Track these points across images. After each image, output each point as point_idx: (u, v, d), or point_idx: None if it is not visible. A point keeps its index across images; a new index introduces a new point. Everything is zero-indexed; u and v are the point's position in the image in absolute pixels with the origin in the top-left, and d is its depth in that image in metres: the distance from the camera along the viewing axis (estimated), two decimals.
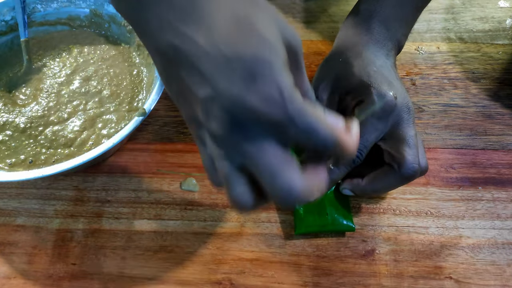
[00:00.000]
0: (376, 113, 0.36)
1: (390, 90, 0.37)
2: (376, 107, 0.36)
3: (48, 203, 0.42)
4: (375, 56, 0.40)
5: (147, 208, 0.41)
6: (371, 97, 0.37)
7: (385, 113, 0.36)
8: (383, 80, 0.37)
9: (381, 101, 0.36)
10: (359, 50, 0.40)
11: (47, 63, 0.47)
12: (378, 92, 0.37)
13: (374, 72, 0.38)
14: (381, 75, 0.38)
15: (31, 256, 0.39)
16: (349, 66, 0.39)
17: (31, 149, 0.41)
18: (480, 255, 0.39)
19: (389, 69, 0.39)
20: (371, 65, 0.39)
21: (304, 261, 0.39)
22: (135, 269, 0.38)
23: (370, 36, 0.41)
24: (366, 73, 0.38)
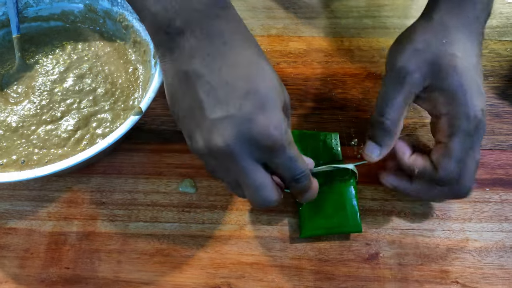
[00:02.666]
0: (469, 133, 0.35)
1: (480, 104, 0.35)
2: (470, 126, 0.34)
3: (40, 205, 0.42)
4: (472, 45, 0.36)
5: (143, 210, 0.41)
6: (467, 113, 0.34)
7: (475, 130, 0.35)
8: (477, 88, 0.35)
9: (473, 118, 0.34)
10: (461, 34, 0.36)
11: (40, 60, 0.47)
12: (473, 107, 0.34)
13: (473, 75, 0.35)
14: (476, 80, 0.35)
15: (23, 260, 0.39)
16: (454, 58, 0.35)
17: (23, 149, 0.41)
18: (487, 259, 0.39)
19: (479, 66, 0.37)
20: (471, 65, 0.35)
21: (305, 265, 0.39)
22: (131, 273, 0.38)
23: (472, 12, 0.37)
24: (467, 77, 0.35)
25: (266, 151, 0.30)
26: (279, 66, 0.50)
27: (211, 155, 0.31)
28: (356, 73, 0.50)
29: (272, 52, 0.51)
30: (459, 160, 0.35)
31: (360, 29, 0.53)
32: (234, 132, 0.29)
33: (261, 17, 0.55)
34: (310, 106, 0.47)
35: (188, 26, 0.30)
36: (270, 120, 0.30)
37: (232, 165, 0.30)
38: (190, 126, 0.31)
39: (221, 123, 0.29)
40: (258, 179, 0.31)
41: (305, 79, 0.49)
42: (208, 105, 0.30)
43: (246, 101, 0.29)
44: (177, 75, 0.31)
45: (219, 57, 0.30)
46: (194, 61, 0.30)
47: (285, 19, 0.54)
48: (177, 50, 0.31)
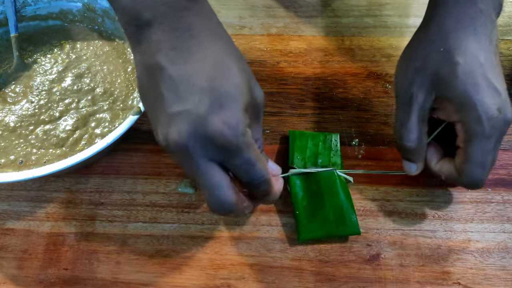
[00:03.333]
0: (486, 135, 0.34)
1: (495, 102, 0.34)
2: (485, 128, 0.34)
3: (39, 206, 0.42)
4: (480, 44, 0.35)
5: (142, 210, 0.41)
6: (478, 116, 0.34)
7: (493, 131, 0.34)
8: (489, 88, 0.34)
9: (488, 120, 0.33)
10: (464, 37, 0.35)
11: (38, 59, 0.47)
12: (484, 109, 0.33)
13: (481, 76, 0.34)
14: (487, 80, 0.34)
15: (21, 261, 0.39)
16: (454, 65, 0.34)
17: (21, 149, 0.41)
18: (489, 260, 0.39)
19: (494, 63, 0.35)
20: (476, 65, 0.34)
21: (306, 266, 0.39)
22: (129, 274, 0.38)
23: (474, 9, 0.35)
24: (472, 80, 0.34)
25: (221, 151, 0.29)
26: (279, 65, 0.50)
27: (169, 149, 0.30)
28: (357, 72, 0.50)
29: (272, 51, 0.51)
30: (480, 165, 0.35)
31: (361, 28, 0.53)
32: (189, 128, 0.29)
33: (261, 15, 0.55)
34: (310, 106, 0.47)
35: (155, 18, 0.30)
36: (226, 119, 0.29)
37: (188, 162, 0.30)
38: (153, 120, 0.31)
39: (177, 118, 0.29)
40: (213, 178, 0.30)
41: (306, 78, 0.49)
42: (168, 99, 0.30)
43: (204, 98, 0.29)
44: (144, 68, 0.31)
45: (184, 51, 0.30)
46: (159, 54, 0.30)
47: (286, 18, 0.54)
48: (145, 43, 0.31)
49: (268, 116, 0.47)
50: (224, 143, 0.29)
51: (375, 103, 0.47)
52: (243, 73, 0.31)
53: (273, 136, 0.45)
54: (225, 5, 0.55)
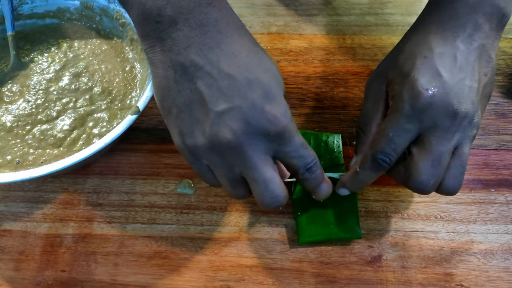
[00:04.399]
0: (405, 112, 0.32)
1: (430, 83, 0.31)
2: (404, 104, 0.32)
3: (36, 207, 0.42)
4: (442, 40, 0.33)
5: (140, 211, 0.41)
6: (402, 91, 0.32)
7: (415, 112, 0.32)
8: (428, 70, 0.32)
9: (412, 97, 0.32)
10: (422, 35, 0.35)
11: (35, 58, 0.47)
12: (412, 85, 0.32)
13: (423, 60, 0.33)
14: (430, 64, 0.32)
15: (18, 263, 0.39)
16: (399, 52, 0.35)
17: (18, 149, 0.41)
18: (493, 262, 0.39)
19: (452, 57, 0.32)
20: (422, 52, 0.33)
21: (307, 267, 0.39)
22: (128, 276, 0.38)
23: (451, 12, 0.34)
24: (411, 62, 0.33)
25: (276, 140, 0.30)
26: (280, 65, 0.50)
27: (215, 151, 0.30)
28: (358, 71, 0.50)
29: (273, 50, 0.51)
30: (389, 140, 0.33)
31: (363, 26, 0.53)
32: (242, 123, 0.29)
33: (261, 14, 0.55)
34: (311, 105, 0.47)
35: (180, 14, 0.30)
36: (277, 107, 0.30)
37: (239, 159, 0.30)
38: (187, 122, 0.31)
39: (227, 115, 0.29)
40: (268, 172, 0.30)
41: (306, 77, 0.49)
42: (211, 98, 0.29)
43: (250, 91, 0.29)
44: (171, 67, 0.30)
45: (216, 47, 0.30)
46: (190, 51, 0.30)
47: (286, 16, 0.54)
48: (170, 40, 0.30)
49: None
50: (280, 130, 0.29)
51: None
52: (273, 62, 0.32)
53: None
54: None
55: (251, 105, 0.29)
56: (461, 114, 0.31)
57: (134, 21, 0.32)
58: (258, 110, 0.29)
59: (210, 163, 0.31)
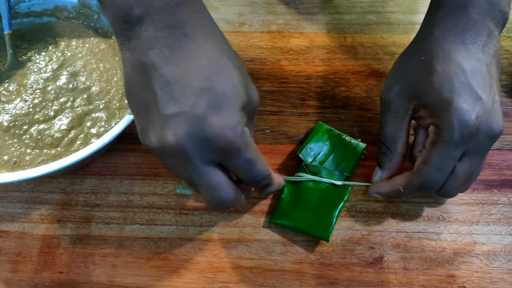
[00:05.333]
0: (455, 141, 0.33)
1: (474, 109, 0.33)
2: (454, 133, 0.33)
3: (33, 207, 0.42)
4: (468, 53, 0.34)
5: (139, 212, 0.41)
6: (449, 121, 0.33)
7: (463, 139, 0.33)
8: (469, 94, 0.33)
9: (461, 126, 0.33)
10: (449, 46, 0.35)
11: (32, 57, 0.47)
12: (459, 113, 0.33)
13: (461, 83, 0.33)
14: (468, 87, 0.33)
15: (15, 264, 0.39)
16: (431, 73, 0.35)
17: (15, 149, 0.41)
18: (495, 263, 0.39)
19: (483, 74, 0.34)
20: (457, 73, 0.34)
21: (307, 269, 0.39)
22: (126, 278, 0.38)
23: (466, 20, 0.35)
24: (449, 87, 0.33)
25: (220, 153, 0.30)
26: (280, 63, 0.50)
27: (164, 153, 0.30)
28: (359, 70, 0.50)
29: (273, 49, 0.51)
30: (437, 167, 0.34)
31: (364, 25, 0.53)
32: (186, 130, 0.29)
33: (261, 12, 0.55)
34: (312, 105, 0.47)
35: (147, 14, 0.30)
36: (225, 120, 0.29)
37: (185, 164, 0.30)
38: (143, 121, 0.31)
39: (174, 120, 0.29)
40: (212, 179, 0.30)
41: (307, 76, 0.49)
42: (162, 100, 0.29)
43: (201, 99, 0.29)
44: (134, 66, 0.31)
45: (177, 49, 0.30)
46: (151, 52, 0.30)
47: (286, 15, 0.54)
48: (135, 40, 0.30)
49: (269, 115, 0.47)
50: (223, 144, 0.29)
51: (378, 102, 0.47)
52: (239, 72, 0.31)
53: (273, 136, 0.45)
54: (224, 2, 0.55)
55: (198, 114, 0.29)
56: (498, 133, 0.34)
57: (109, 20, 0.32)
58: (203, 120, 0.29)
59: (166, 162, 0.32)
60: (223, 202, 0.32)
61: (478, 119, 0.33)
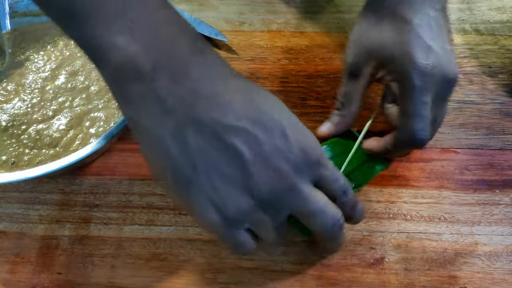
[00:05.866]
0: (419, 87, 0.35)
1: (428, 57, 0.35)
2: (416, 81, 0.35)
3: (31, 208, 0.42)
4: (413, 10, 0.37)
5: (138, 213, 0.41)
6: (409, 69, 0.35)
7: (426, 85, 0.35)
8: (420, 45, 0.36)
9: (420, 72, 0.35)
10: (393, 7, 0.38)
11: (31, 56, 0.47)
12: (415, 62, 0.35)
13: (411, 36, 0.36)
14: (418, 38, 0.36)
15: (14, 265, 0.39)
16: (382, 31, 0.38)
17: (14, 149, 0.41)
18: (497, 264, 0.39)
19: (429, 26, 0.37)
20: (407, 28, 0.36)
21: (308, 270, 0.39)
22: (125, 279, 0.38)
23: None
24: (401, 40, 0.36)
25: (316, 168, 0.30)
26: (280, 63, 0.50)
27: (263, 205, 0.28)
28: None
29: (273, 48, 0.51)
30: (417, 114, 0.36)
31: None
32: (285, 161, 0.28)
33: (261, 11, 0.55)
34: (312, 105, 0.47)
35: (178, 68, 0.27)
36: (308, 138, 0.30)
37: (291, 198, 0.29)
38: (219, 188, 0.27)
39: (269, 160, 0.28)
40: (321, 200, 0.30)
41: (307, 76, 0.49)
42: (245, 148, 0.27)
43: (283, 131, 0.29)
44: (179, 128, 0.27)
45: (224, 96, 0.28)
46: (200, 107, 0.27)
47: (287, 14, 0.54)
48: (171, 98, 0.26)
49: None
50: (317, 157, 0.30)
51: (379, 101, 0.47)
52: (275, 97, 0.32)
53: None
54: (224, 1, 0.55)
55: (287, 142, 0.29)
56: (454, 78, 0.36)
57: (111, 81, 0.27)
58: (294, 144, 0.29)
59: (254, 223, 0.29)
60: (336, 220, 0.31)
61: (433, 64, 0.35)
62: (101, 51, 0.26)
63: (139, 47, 0.25)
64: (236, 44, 0.52)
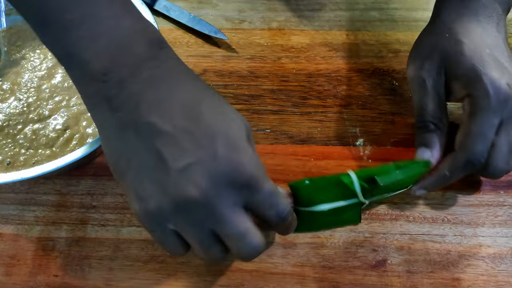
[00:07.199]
0: (492, 107, 0.35)
1: (504, 77, 0.35)
2: (490, 100, 0.35)
3: (27, 209, 0.42)
4: (486, 30, 0.38)
5: None
6: (484, 88, 0.35)
7: (500, 106, 0.35)
8: (496, 64, 0.36)
9: (495, 92, 0.35)
10: (467, 24, 0.39)
11: (27, 55, 0.47)
12: (491, 82, 0.35)
13: (487, 55, 0.37)
14: (494, 59, 0.36)
15: (9, 267, 0.39)
16: (459, 45, 0.38)
17: (9, 149, 0.41)
18: (501, 266, 0.39)
19: (502, 48, 0.38)
20: (483, 46, 0.37)
21: (308, 272, 0.39)
22: (123, 281, 0.38)
23: (476, 3, 0.39)
24: (478, 57, 0.36)
25: (244, 190, 0.29)
26: (281, 61, 0.50)
27: (181, 211, 0.28)
28: (362, 68, 0.50)
29: (273, 47, 0.51)
30: (483, 138, 0.35)
31: (367, 22, 0.53)
32: (207, 176, 0.28)
33: (261, 9, 0.55)
34: (313, 104, 0.47)
35: (127, 72, 0.29)
36: (242, 155, 0.29)
37: (209, 216, 0.29)
38: (146, 185, 0.29)
39: (190, 171, 0.28)
40: (241, 224, 0.29)
41: (308, 75, 0.49)
42: (170, 155, 0.28)
43: (211, 143, 0.28)
44: (121, 127, 0.29)
45: (169, 101, 0.29)
46: (141, 109, 0.29)
47: (287, 12, 0.54)
48: (117, 100, 0.29)
49: (269, 114, 0.47)
50: (245, 179, 0.29)
51: (381, 101, 0.47)
52: (232, 107, 0.32)
53: (274, 136, 0.45)
54: None
55: (213, 156, 0.28)
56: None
57: (75, 81, 0.30)
58: (221, 160, 0.28)
59: (176, 226, 0.30)
60: (255, 249, 0.30)
61: (509, 85, 0.35)
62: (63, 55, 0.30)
63: (93, 52, 0.29)
64: (235, 42, 0.52)
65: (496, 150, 0.36)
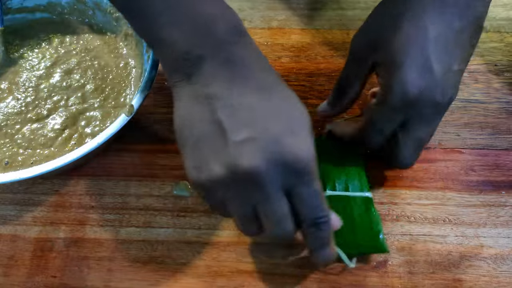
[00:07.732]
0: (393, 105, 0.35)
1: (420, 79, 0.34)
2: (393, 98, 0.35)
3: (25, 209, 0.42)
4: (438, 17, 0.35)
5: (135, 214, 0.41)
6: (392, 84, 0.35)
7: (403, 105, 0.35)
8: (420, 63, 0.34)
9: (399, 93, 0.34)
10: (418, 7, 0.35)
11: (25, 54, 0.47)
12: (402, 81, 0.34)
13: (417, 49, 0.34)
14: (423, 54, 0.34)
15: (7, 268, 0.39)
16: (394, 30, 0.36)
17: (7, 149, 0.41)
18: (503, 267, 0.39)
19: (445, 41, 0.35)
20: (418, 38, 0.35)
21: (309, 273, 0.39)
22: (122, 282, 0.38)
23: None
24: (405, 50, 0.35)
25: (294, 176, 0.29)
26: (281, 61, 0.50)
27: (232, 183, 0.29)
28: None
29: (273, 46, 0.51)
30: (377, 129, 0.37)
31: None
32: (262, 153, 0.28)
33: (261, 8, 0.55)
34: (314, 104, 0.47)
35: (208, 52, 0.31)
36: (300, 142, 0.29)
37: (256, 190, 0.29)
38: (204, 153, 0.30)
39: (247, 145, 0.29)
40: (282, 208, 0.30)
41: (309, 74, 0.49)
42: (230, 128, 0.29)
43: (273, 124, 0.29)
44: (194, 97, 0.31)
45: (241, 81, 0.31)
46: (215, 84, 0.31)
47: (287, 10, 0.54)
48: (196, 75, 0.31)
49: None
50: (301, 166, 0.29)
51: None
52: (299, 100, 0.32)
53: None
54: None
55: (273, 137, 0.29)
56: (444, 104, 0.35)
57: (163, 61, 0.34)
58: (279, 142, 0.29)
59: (225, 196, 0.31)
60: (286, 235, 0.31)
61: (420, 89, 0.34)
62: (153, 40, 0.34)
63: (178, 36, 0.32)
64: None
65: (398, 143, 0.37)
